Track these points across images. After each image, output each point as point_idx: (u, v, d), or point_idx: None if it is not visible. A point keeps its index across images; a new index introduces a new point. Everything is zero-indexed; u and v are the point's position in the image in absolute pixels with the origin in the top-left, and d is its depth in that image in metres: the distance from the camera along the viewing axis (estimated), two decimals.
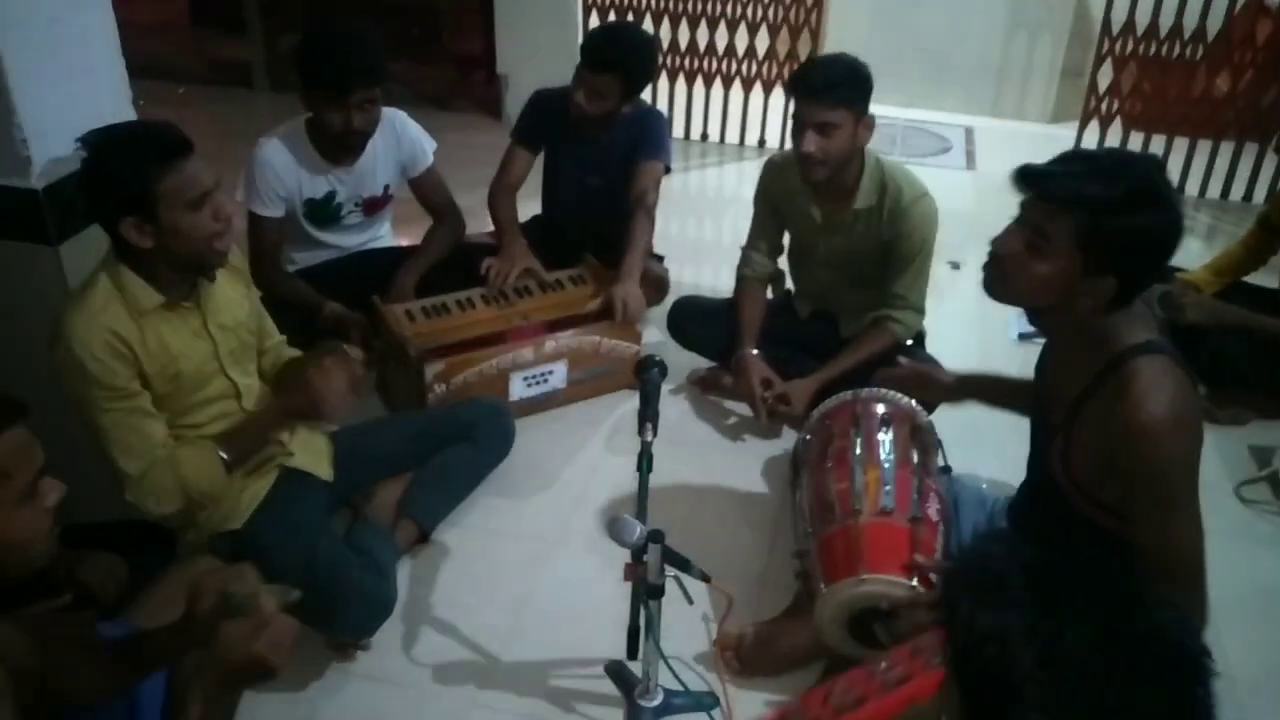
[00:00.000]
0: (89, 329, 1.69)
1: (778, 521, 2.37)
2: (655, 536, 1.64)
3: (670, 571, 1.71)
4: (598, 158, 2.89)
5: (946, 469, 2.03)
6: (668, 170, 2.90)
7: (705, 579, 1.73)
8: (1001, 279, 1.58)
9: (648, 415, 1.68)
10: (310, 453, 2.13)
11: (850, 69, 2.32)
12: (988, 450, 2.29)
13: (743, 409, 2.76)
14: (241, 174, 2.61)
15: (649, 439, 1.66)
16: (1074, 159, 1.56)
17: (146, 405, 1.78)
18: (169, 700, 1.58)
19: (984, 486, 2.26)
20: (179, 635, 1.40)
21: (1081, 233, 1.47)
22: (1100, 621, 0.80)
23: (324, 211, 2.72)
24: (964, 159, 4.65)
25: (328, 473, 2.15)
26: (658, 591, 1.70)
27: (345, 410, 1.92)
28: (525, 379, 2.65)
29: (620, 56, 2.71)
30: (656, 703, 1.83)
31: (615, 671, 1.92)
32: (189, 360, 1.83)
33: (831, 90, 2.27)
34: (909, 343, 2.62)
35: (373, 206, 2.80)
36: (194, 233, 1.71)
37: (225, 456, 1.87)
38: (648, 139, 2.84)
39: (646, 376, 1.74)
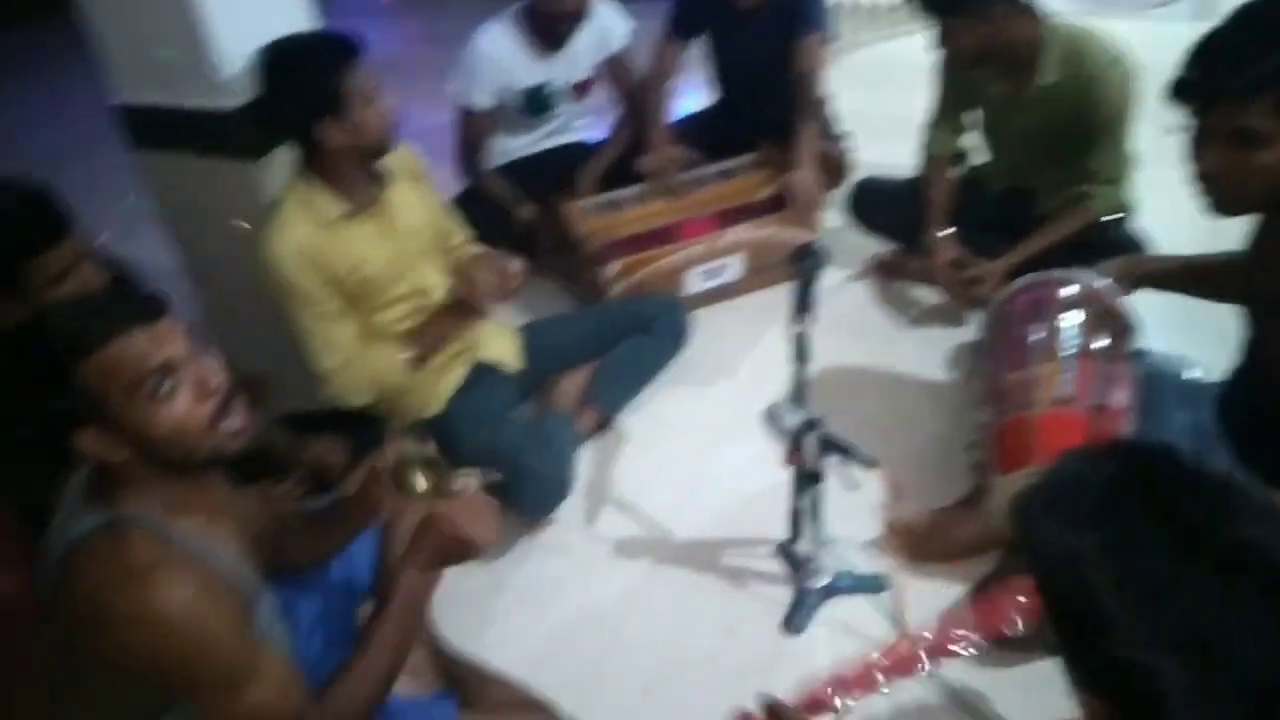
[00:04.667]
0: (281, 242, 1.86)
1: (959, 411, 2.31)
2: (812, 423, 1.66)
3: (833, 457, 1.73)
4: (754, 38, 2.80)
5: (1141, 354, 1.90)
6: (829, 40, 2.78)
7: (871, 465, 1.74)
8: (1229, 193, 1.46)
9: (803, 305, 1.67)
10: (500, 346, 2.27)
11: None
12: (1205, 332, 2.10)
13: (928, 295, 2.68)
14: (453, 68, 2.72)
15: (801, 329, 1.65)
16: (1221, 40, 1.40)
17: (336, 310, 1.95)
18: (379, 571, 1.77)
19: (1197, 374, 2.09)
20: (357, 506, 1.55)
21: None
22: (1177, 540, 0.74)
23: (537, 99, 2.79)
24: (1194, 7, 4.13)
25: (516, 364, 2.29)
26: (816, 477, 1.73)
27: (500, 299, 2.03)
28: (701, 274, 2.67)
29: None
30: (823, 583, 1.88)
31: (786, 552, 1.97)
32: (375, 264, 1.98)
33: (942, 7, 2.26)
34: (1111, 218, 2.43)
35: (581, 91, 2.85)
36: (376, 124, 1.86)
37: (409, 353, 2.03)
38: (802, 11, 2.72)
39: (803, 265, 1.72)
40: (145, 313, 1.19)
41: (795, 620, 1.85)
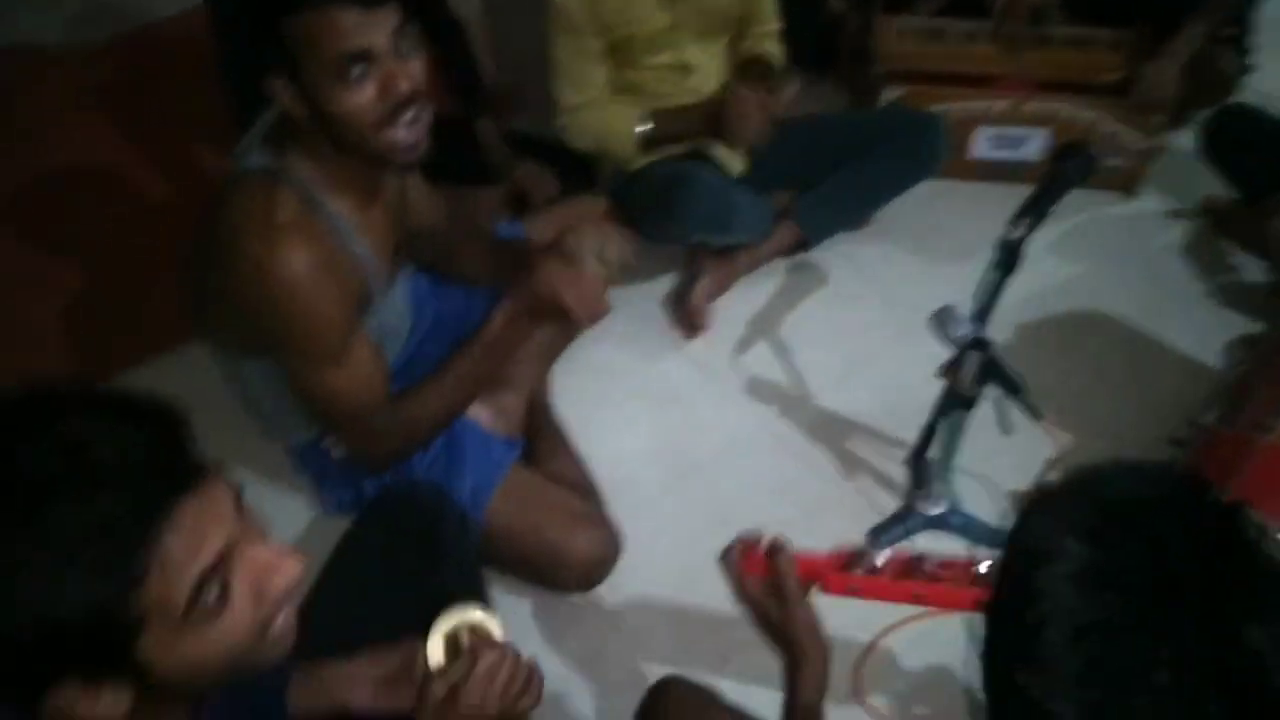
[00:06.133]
0: None
1: (1197, 405, 1.92)
2: (979, 343, 1.44)
3: (995, 390, 1.51)
4: None
5: None
6: None
7: (1035, 414, 1.50)
8: None
9: (1035, 208, 1.39)
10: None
11: None
12: None
13: (1251, 268, 2.19)
14: None
15: (1017, 235, 1.39)
16: None
17: (595, 49, 1.86)
18: None
19: None
20: (516, 257, 1.55)
21: None
22: (1166, 608, 0.55)
23: None
24: None
25: (739, 167, 2.12)
26: (966, 402, 1.52)
27: (758, 140, 1.87)
28: (992, 137, 2.32)
29: None
30: (933, 512, 1.70)
31: (914, 465, 1.79)
32: (648, 27, 1.86)
33: None
34: None
35: None
36: None
37: (645, 127, 1.91)
38: None
39: (1062, 165, 1.41)
40: None
41: (883, 534, 1.69)
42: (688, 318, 2.07)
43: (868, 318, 2.11)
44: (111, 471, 0.63)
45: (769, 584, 1.07)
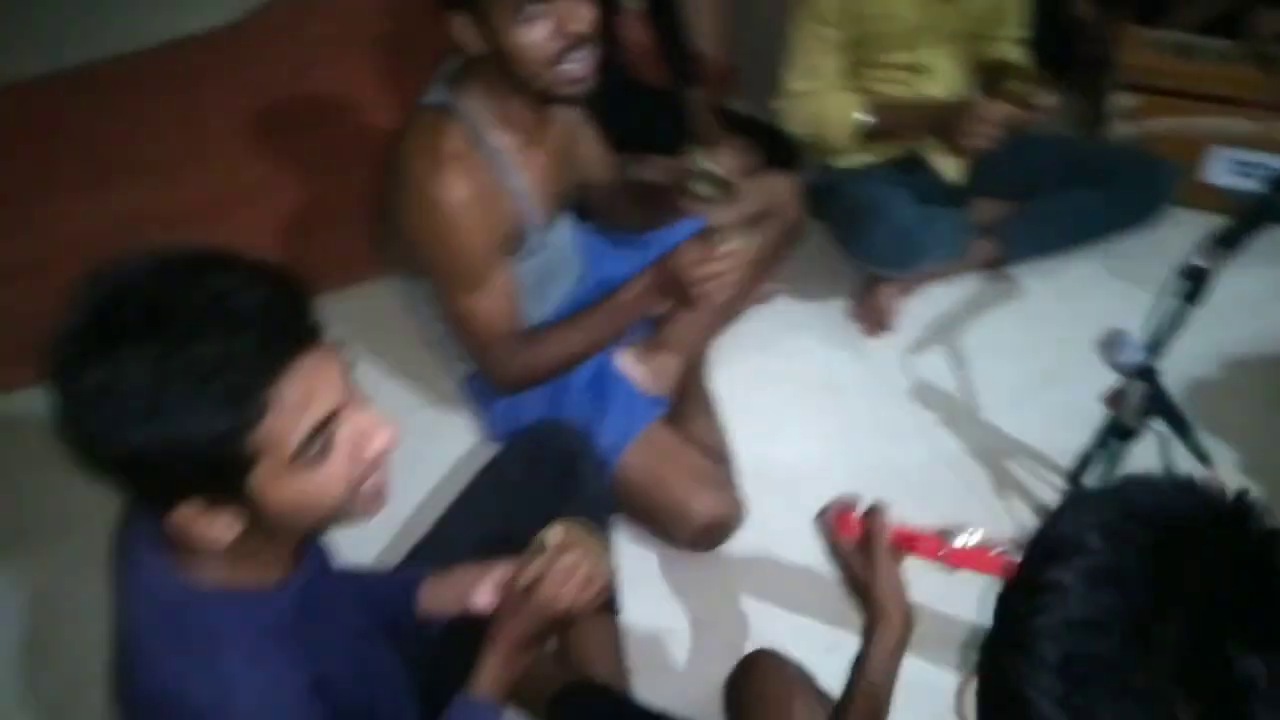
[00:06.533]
0: None
1: None
2: (1146, 373, 1.36)
3: (1158, 424, 1.42)
4: None
5: None
6: None
7: (1203, 459, 1.41)
8: None
9: (1230, 238, 1.29)
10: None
11: None
12: None
13: None
14: None
15: (1203, 264, 1.30)
16: None
17: (834, 40, 1.86)
18: None
19: None
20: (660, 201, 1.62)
21: None
22: (1151, 613, 0.54)
23: None
24: None
25: (955, 172, 2.06)
26: (1126, 432, 1.45)
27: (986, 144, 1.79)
28: (1233, 161, 2.13)
29: None
30: None
31: (1069, 489, 1.71)
32: (899, 24, 1.84)
33: None
34: None
35: None
36: None
37: (866, 119, 1.89)
38: None
39: (1272, 194, 1.30)
40: None
41: None
42: (873, 315, 2.04)
43: (1056, 340, 2.00)
44: (246, 318, 0.72)
45: (860, 544, 1.09)
